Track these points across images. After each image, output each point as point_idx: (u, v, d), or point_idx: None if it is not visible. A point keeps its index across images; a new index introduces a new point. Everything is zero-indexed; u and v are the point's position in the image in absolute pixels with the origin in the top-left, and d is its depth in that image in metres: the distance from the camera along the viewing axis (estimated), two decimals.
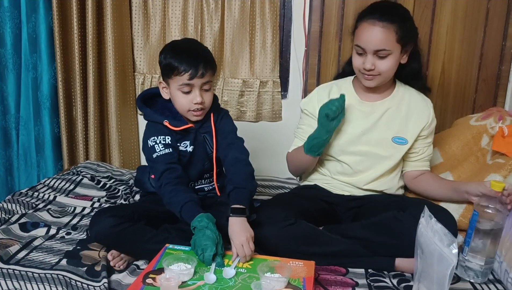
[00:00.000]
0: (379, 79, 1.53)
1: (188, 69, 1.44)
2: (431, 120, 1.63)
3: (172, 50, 1.49)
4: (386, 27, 1.46)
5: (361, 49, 1.51)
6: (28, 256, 1.39)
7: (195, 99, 1.47)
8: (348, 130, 1.62)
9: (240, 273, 1.19)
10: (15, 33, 2.35)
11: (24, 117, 2.43)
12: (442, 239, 1.00)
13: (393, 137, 1.60)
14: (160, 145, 1.50)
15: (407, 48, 1.53)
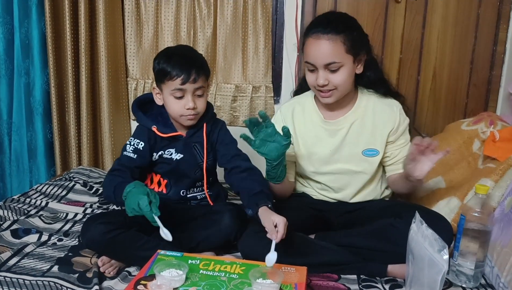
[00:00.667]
0: (336, 94, 1.48)
1: (180, 74, 1.43)
2: (398, 123, 1.57)
3: (165, 55, 1.50)
4: (332, 39, 1.41)
5: (311, 65, 1.46)
6: (19, 263, 1.38)
7: (187, 104, 1.46)
8: (317, 151, 1.59)
9: (232, 279, 1.19)
10: (7, 39, 2.34)
11: (16, 122, 2.41)
12: (432, 244, 1.01)
13: (363, 151, 1.56)
14: (130, 147, 1.53)
15: (360, 58, 1.48)
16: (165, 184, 1.60)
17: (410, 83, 2.25)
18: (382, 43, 2.22)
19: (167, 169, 1.57)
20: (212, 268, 1.25)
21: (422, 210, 1.37)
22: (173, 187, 1.59)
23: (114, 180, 1.45)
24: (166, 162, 1.56)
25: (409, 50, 2.21)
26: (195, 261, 1.28)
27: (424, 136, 2.10)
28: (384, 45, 2.22)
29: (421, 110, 2.26)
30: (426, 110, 2.26)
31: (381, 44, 2.22)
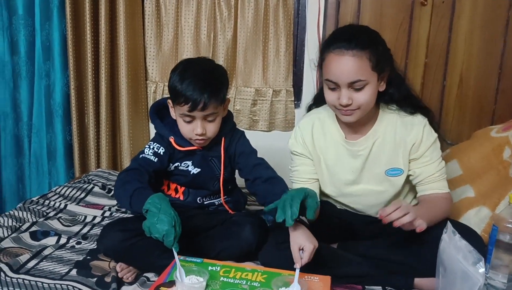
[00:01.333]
0: (358, 113, 1.36)
1: (188, 101, 1.35)
2: (420, 139, 1.42)
3: (179, 73, 1.40)
4: (357, 55, 1.29)
5: (333, 83, 1.33)
6: (38, 265, 1.37)
7: (196, 130, 1.40)
8: (338, 171, 1.50)
9: (254, 287, 1.16)
10: (29, 41, 2.36)
11: (36, 124, 2.43)
12: (466, 256, 0.96)
13: (386, 171, 1.46)
14: (150, 150, 1.46)
15: (384, 74, 1.37)
16: (182, 191, 1.57)
17: (435, 88, 2.19)
18: (406, 47, 2.17)
19: (184, 181, 1.53)
20: (233, 276, 1.21)
21: (450, 221, 1.31)
22: (191, 194, 1.56)
23: (131, 182, 1.35)
24: (182, 174, 1.52)
25: (435, 55, 2.16)
26: (215, 267, 1.25)
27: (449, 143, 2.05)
28: (408, 49, 2.17)
29: (446, 116, 2.20)
30: (451, 117, 2.20)
31: (405, 48, 2.17)
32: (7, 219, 1.68)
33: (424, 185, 1.43)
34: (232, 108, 2.36)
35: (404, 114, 1.45)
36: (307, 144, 1.51)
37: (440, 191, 1.42)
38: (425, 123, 1.43)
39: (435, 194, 1.41)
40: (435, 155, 1.43)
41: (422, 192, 1.44)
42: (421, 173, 1.43)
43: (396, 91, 1.44)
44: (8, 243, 1.49)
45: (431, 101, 2.19)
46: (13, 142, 2.49)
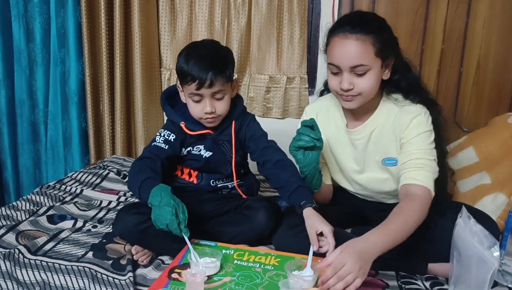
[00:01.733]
0: (359, 100, 1.34)
1: (195, 79, 1.37)
2: (406, 125, 1.36)
3: (185, 55, 1.43)
4: (361, 39, 1.27)
5: (335, 67, 1.32)
6: (55, 248, 1.39)
7: (205, 108, 1.41)
8: (342, 159, 1.50)
9: (267, 270, 1.16)
10: (44, 28, 2.39)
11: (52, 111, 2.46)
12: (482, 241, 0.95)
13: (383, 160, 1.44)
14: (161, 138, 1.48)
15: (388, 62, 1.35)
16: (195, 175, 1.58)
17: (452, 74, 2.15)
18: (423, 33, 2.13)
19: (197, 166, 1.54)
20: (246, 259, 1.22)
21: (466, 208, 1.30)
22: (204, 178, 1.57)
23: (142, 171, 1.37)
24: (195, 158, 1.53)
25: (452, 40, 2.12)
26: (229, 251, 1.26)
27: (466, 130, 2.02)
28: (425, 35, 2.13)
29: (463, 103, 2.17)
30: (468, 103, 2.16)
31: (422, 33, 2.14)
32: (25, 203, 1.71)
33: (403, 174, 1.32)
34: (246, 95, 2.36)
35: (403, 103, 1.40)
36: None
37: (418, 183, 1.28)
38: (419, 112, 1.36)
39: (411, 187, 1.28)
40: (422, 144, 1.34)
41: (400, 183, 1.33)
42: (401, 158, 1.35)
43: (403, 80, 1.40)
44: (26, 226, 1.52)
45: (448, 87, 2.17)
46: (29, 128, 2.53)
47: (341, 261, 1.04)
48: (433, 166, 1.32)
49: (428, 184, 1.29)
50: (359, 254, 1.06)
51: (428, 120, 1.37)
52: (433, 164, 1.33)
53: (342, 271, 1.03)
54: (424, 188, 1.28)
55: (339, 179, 1.55)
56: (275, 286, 1.09)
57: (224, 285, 1.09)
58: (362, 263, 1.05)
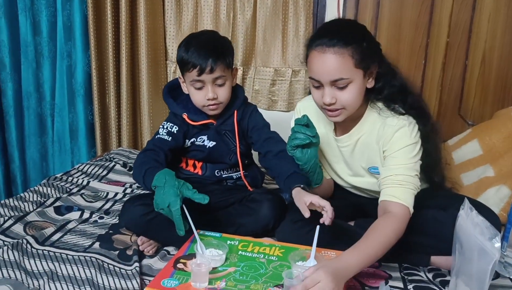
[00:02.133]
0: (344, 113, 1.32)
1: (196, 65, 1.40)
2: (389, 139, 1.32)
3: (185, 44, 1.46)
4: (339, 52, 1.23)
5: (316, 81, 1.29)
6: (62, 238, 1.42)
7: (207, 95, 1.44)
8: (334, 163, 1.51)
9: (271, 261, 1.18)
10: (50, 21, 2.40)
11: (59, 104, 2.48)
12: (483, 232, 0.96)
13: (369, 168, 1.43)
14: (164, 130, 1.50)
15: (371, 70, 1.31)
16: (200, 166, 1.60)
17: (457, 67, 2.15)
18: (428, 26, 2.13)
19: (201, 156, 1.56)
20: (251, 250, 1.24)
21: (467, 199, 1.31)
22: (208, 169, 1.59)
23: (146, 163, 1.39)
24: (199, 149, 1.55)
25: (457, 33, 2.11)
26: (233, 242, 1.28)
27: (471, 123, 2.02)
28: (430, 28, 2.13)
29: (468, 96, 2.16)
30: (473, 96, 2.16)
31: (427, 27, 2.13)
32: (32, 195, 1.73)
33: (383, 189, 1.29)
34: (251, 88, 2.36)
35: (386, 114, 1.36)
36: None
37: (395, 201, 1.24)
38: (402, 125, 1.31)
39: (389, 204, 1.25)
40: (404, 158, 1.29)
41: (380, 198, 1.30)
42: (382, 172, 1.32)
43: (386, 87, 1.36)
44: (34, 217, 1.54)
45: (453, 80, 2.17)
46: (36, 121, 2.55)
47: (315, 278, 1.01)
48: (414, 182, 1.28)
49: (407, 201, 1.25)
50: (334, 274, 1.03)
51: (413, 131, 1.32)
52: (415, 180, 1.28)
53: (314, 288, 1.00)
54: (403, 206, 1.24)
55: (332, 176, 1.56)
56: (279, 277, 1.11)
57: (229, 275, 1.11)
58: (336, 283, 1.02)
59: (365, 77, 1.30)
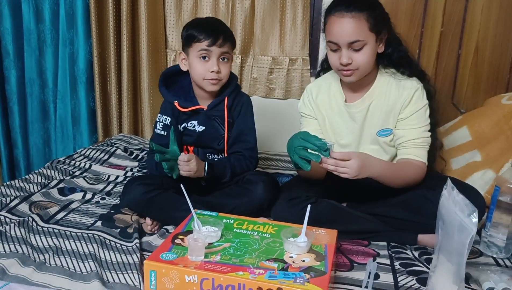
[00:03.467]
0: (358, 74, 1.44)
1: (208, 37, 1.50)
2: (408, 101, 1.48)
3: (194, 23, 1.59)
4: (356, 16, 1.38)
5: (334, 44, 1.42)
6: (66, 217, 1.48)
7: (212, 67, 1.52)
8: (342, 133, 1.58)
9: (264, 238, 1.24)
10: (53, 9, 2.44)
11: (61, 91, 2.53)
12: (463, 209, 1.01)
13: (378, 131, 1.53)
14: (160, 124, 1.61)
15: (382, 36, 1.45)
16: (192, 150, 1.66)
17: (450, 57, 2.20)
18: (423, 16, 2.17)
19: (191, 141, 1.63)
20: (245, 227, 1.30)
21: (454, 182, 1.36)
22: (200, 153, 1.66)
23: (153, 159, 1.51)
24: (189, 134, 1.62)
25: (451, 23, 2.16)
26: (229, 220, 1.33)
27: (463, 111, 2.07)
28: (425, 18, 2.18)
29: (461, 84, 2.21)
30: (466, 85, 2.21)
31: (421, 17, 2.18)
32: (37, 177, 1.80)
33: (403, 149, 1.49)
34: (249, 76, 2.41)
35: (399, 77, 1.51)
36: (313, 105, 1.59)
37: (416, 158, 1.47)
38: (417, 87, 1.48)
39: (411, 160, 1.47)
40: (420, 121, 1.48)
41: (400, 156, 1.50)
42: (403, 135, 1.49)
43: (395, 53, 1.51)
44: (38, 197, 1.61)
45: (446, 69, 2.22)
46: (39, 107, 2.60)
47: (346, 155, 1.30)
48: (429, 141, 1.50)
49: (425, 159, 1.48)
50: (362, 161, 1.31)
51: (424, 94, 1.50)
52: (429, 139, 1.50)
53: (342, 163, 1.29)
54: (423, 163, 1.47)
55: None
56: (272, 251, 1.17)
57: (224, 250, 1.17)
58: (361, 168, 1.31)
59: (377, 41, 1.43)
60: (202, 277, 1.06)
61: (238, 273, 1.06)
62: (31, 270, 1.16)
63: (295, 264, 1.11)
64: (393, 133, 1.52)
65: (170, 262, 1.09)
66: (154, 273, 1.09)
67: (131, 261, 1.23)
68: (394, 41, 1.52)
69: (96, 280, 1.12)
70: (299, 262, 1.13)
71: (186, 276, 1.07)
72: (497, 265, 1.31)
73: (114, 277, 1.16)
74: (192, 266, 1.08)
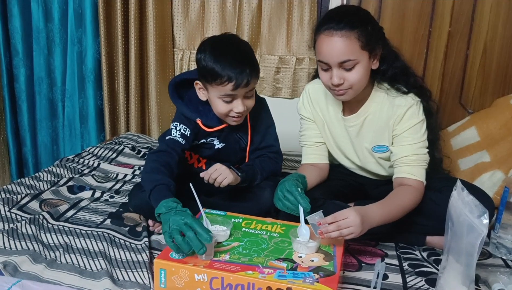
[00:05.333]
0: (350, 93, 1.38)
1: (232, 79, 1.33)
2: (400, 118, 1.41)
3: (213, 51, 1.36)
4: (345, 35, 1.30)
5: (324, 64, 1.35)
6: (75, 215, 1.49)
7: (237, 108, 1.39)
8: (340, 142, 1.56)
9: (273, 237, 1.25)
10: (62, 9, 2.46)
11: (69, 89, 2.54)
12: (472, 210, 1.02)
13: (373, 147, 1.50)
14: (177, 132, 1.46)
15: (376, 52, 1.38)
16: (204, 161, 1.62)
17: (458, 57, 2.19)
18: (430, 16, 2.17)
19: (207, 154, 1.58)
20: (254, 227, 1.30)
21: (462, 183, 1.36)
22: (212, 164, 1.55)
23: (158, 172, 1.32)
24: (207, 147, 1.56)
25: (459, 23, 2.15)
26: (237, 219, 1.34)
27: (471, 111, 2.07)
28: (433, 18, 2.17)
29: (469, 85, 2.21)
30: (474, 85, 2.20)
31: (429, 16, 2.17)
32: (46, 175, 1.81)
33: (398, 167, 1.41)
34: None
35: (394, 94, 1.44)
36: (311, 108, 1.57)
37: (411, 177, 1.38)
38: (411, 104, 1.41)
39: (405, 181, 1.38)
40: (415, 138, 1.40)
41: (395, 175, 1.43)
42: (397, 152, 1.42)
43: (389, 69, 1.44)
44: (48, 195, 1.62)
45: (454, 69, 2.21)
46: (47, 106, 2.63)
47: (345, 213, 1.18)
48: (425, 159, 1.42)
49: (422, 177, 1.39)
50: (362, 216, 1.19)
51: (420, 109, 1.42)
52: (426, 156, 1.42)
53: (343, 222, 1.17)
54: (418, 181, 1.38)
55: (338, 157, 1.61)
56: (280, 251, 1.17)
57: (233, 249, 1.18)
58: (362, 223, 1.18)
59: (370, 58, 1.37)
60: (211, 276, 1.06)
61: (248, 272, 1.06)
62: (43, 267, 1.17)
63: (304, 264, 1.12)
64: (390, 150, 1.47)
65: (180, 261, 1.10)
66: (164, 272, 1.10)
67: (140, 259, 1.24)
68: (390, 56, 1.45)
69: (106, 277, 1.13)
70: (308, 262, 1.13)
71: (195, 275, 1.08)
72: (507, 266, 1.31)
73: (124, 275, 1.17)
74: (202, 265, 1.09)
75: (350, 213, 1.18)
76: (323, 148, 1.60)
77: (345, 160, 1.61)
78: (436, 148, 1.49)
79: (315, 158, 1.59)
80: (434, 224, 1.37)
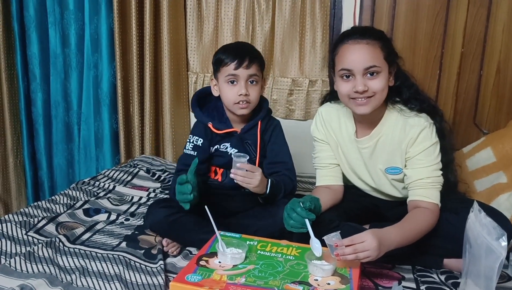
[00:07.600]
0: (373, 102, 1.38)
1: (234, 59, 1.51)
2: (414, 140, 1.42)
3: (223, 48, 1.60)
4: (371, 43, 1.36)
5: (347, 71, 1.37)
6: (91, 238, 1.50)
7: (240, 90, 1.51)
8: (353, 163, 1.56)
9: (288, 260, 1.24)
10: (78, 34, 2.52)
11: (85, 113, 2.59)
12: (490, 232, 1.01)
13: (386, 169, 1.50)
14: (190, 145, 1.59)
15: (392, 70, 1.43)
16: (221, 173, 1.66)
17: (472, 77, 2.19)
18: (443, 37, 2.18)
19: (222, 162, 1.62)
20: (269, 249, 1.30)
21: (479, 205, 1.35)
22: (228, 176, 1.64)
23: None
24: (221, 155, 1.61)
25: (472, 44, 2.15)
26: (252, 242, 1.34)
27: (486, 132, 2.05)
28: (445, 39, 2.18)
29: (483, 105, 2.20)
30: (488, 106, 2.19)
31: (442, 38, 2.18)
32: (63, 197, 1.83)
33: (413, 190, 1.41)
34: (269, 98, 2.44)
35: (407, 114, 1.45)
36: (325, 130, 1.58)
37: (426, 200, 1.38)
38: (424, 126, 1.41)
39: (420, 204, 1.38)
40: (429, 160, 1.40)
41: (410, 197, 1.43)
42: (411, 175, 1.42)
43: (403, 88, 1.47)
44: (64, 218, 1.64)
45: (468, 90, 2.20)
46: (63, 129, 2.67)
47: (363, 237, 1.17)
48: (440, 181, 1.42)
49: (436, 199, 1.40)
50: (379, 239, 1.18)
51: (433, 131, 1.43)
52: (440, 178, 1.42)
53: (360, 245, 1.16)
54: (433, 203, 1.39)
55: (352, 179, 1.61)
56: (296, 274, 1.17)
57: (248, 272, 1.17)
58: (379, 247, 1.18)
59: (389, 72, 1.41)
60: None
61: None
62: None
63: (321, 287, 1.11)
64: (403, 172, 1.47)
65: (196, 284, 1.10)
66: None
67: (156, 283, 1.24)
68: (402, 76, 1.49)
69: None
70: (324, 285, 1.12)
71: None
72: None
73: None
74: (218, 287, 1.08)
75: (367, 237, 1.17)
76: (337, 169, 1.60)
77: (359, 182, 1.60)
78: (450, 171, 1.48)
79: (330, 180, 1.59)
80: (451, 246, 1.35)
